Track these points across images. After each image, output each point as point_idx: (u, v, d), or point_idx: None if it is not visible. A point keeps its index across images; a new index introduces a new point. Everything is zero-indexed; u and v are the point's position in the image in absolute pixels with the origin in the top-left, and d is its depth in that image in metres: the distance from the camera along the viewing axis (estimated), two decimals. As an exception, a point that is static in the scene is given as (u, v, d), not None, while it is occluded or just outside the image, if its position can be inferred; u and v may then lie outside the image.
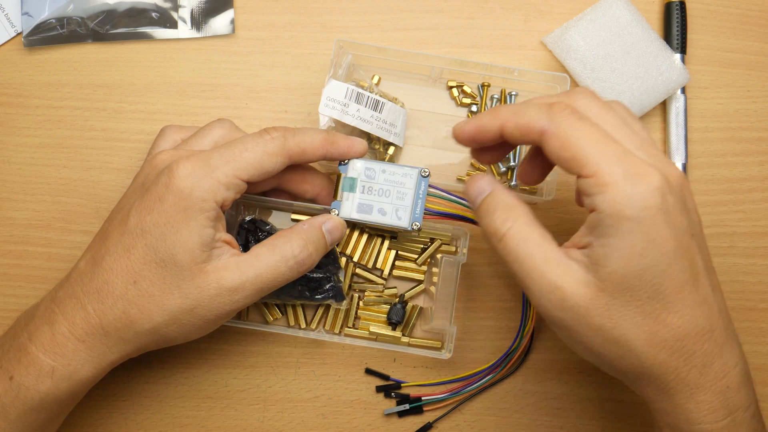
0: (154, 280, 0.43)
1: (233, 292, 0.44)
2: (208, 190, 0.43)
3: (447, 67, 0.55)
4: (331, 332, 0.54)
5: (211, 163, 0.44)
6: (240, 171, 0.44)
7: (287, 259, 0.46)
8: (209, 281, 0.44)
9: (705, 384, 0.40)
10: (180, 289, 0.43)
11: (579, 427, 0.55)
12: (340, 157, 0.49)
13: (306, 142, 0.47)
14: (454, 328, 0.51)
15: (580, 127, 0.40)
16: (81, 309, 0.43)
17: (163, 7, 0.57)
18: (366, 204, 0.50)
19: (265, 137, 0.46)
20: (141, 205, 0.44)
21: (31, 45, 0.57)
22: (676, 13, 0.57)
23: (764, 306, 0.56)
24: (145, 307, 0.43)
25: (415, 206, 0.50)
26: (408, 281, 0.55)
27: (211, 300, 0.44)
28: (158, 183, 0.44)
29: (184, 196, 0.43)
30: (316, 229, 0.48)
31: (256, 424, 0.54)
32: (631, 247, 0.38)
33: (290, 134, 0.47)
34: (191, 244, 0.43)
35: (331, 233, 0.49)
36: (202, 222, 0.43)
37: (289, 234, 0.47)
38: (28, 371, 0.43)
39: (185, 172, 0.43)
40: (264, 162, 0.45)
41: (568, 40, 0.56)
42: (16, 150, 0.57)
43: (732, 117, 0.58)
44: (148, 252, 0.43)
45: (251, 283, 0.45)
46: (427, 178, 0.50)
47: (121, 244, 0.44)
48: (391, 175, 0.50)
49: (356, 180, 0.50)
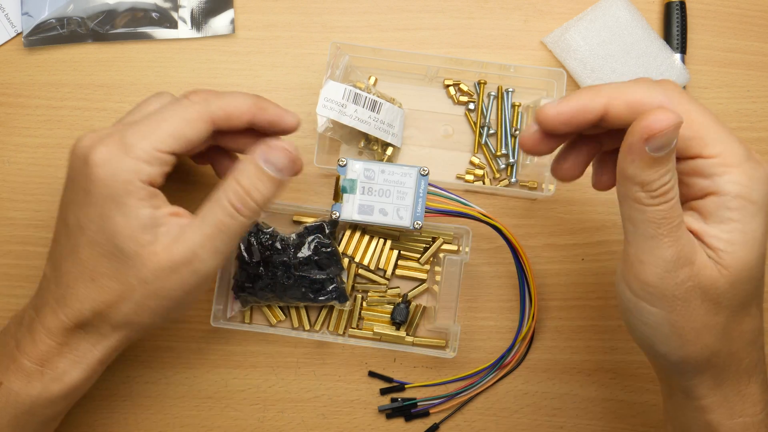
0: (109, 273, 0.42)
1: (188, 263, 0.41)
2: (129, 170, 0.41)
3: (443, 66, 0.55)
4: (335, 333, 0.54)
5: (127, 142, 0.41)
6: (159, 143, 0.41)
7: (225, 208, 0.42)
8: (161, 260, 0.41)
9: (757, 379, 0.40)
10: (137, 277, 0.41)
11: (579, 427, 0.55)
12: (269, 126, 0.45)
13: (231, 106, 0.43)
14: (458, 327, 0.52)
15: (699, 107, 0.38)
16: (53, 316, 0.43)
17: (163, 7, 0.57)
18: (367, 205, 0.50)
19: (184, 102, 0.42)
20: (72, 200, 0.42)
21: (31, 45, 0.57)
22: (676, 13, 0.57)
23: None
24: (110, 302, 0.42)
25: (416, 205, 0.50)
26: (411, 281, 0.55)
27: (170, 277, 0.42)
28: (81, 174, 0.42)
29: (106, 184, 0.41)
30: (251, 164, 0.42)
31: (256, 424, 0.54)
32: (755, 232, 0.37)
33: (213, 97, 0.43)
34: (130, 230, 0.41)
35: (270, 162, 0.42)
36: (134, 204, 0.41)
37: (224, 181, 0.42)
38: (17, 377, 0.43)
39: (101, 157, 0.41)
40: (185, 131, 0.42)
41: (568, 40, 0.56)
42: (16, 150, 0.56)
43: (732, 117, 0.58)
44: (93, 248, 0.42)
45: (201, 246, 0.42)
46: (426, 177, 0.50)
47: (68, 246, 0.43)
48: (390, 175, 0.50)
49: (356, 181, 0.50)
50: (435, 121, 0.57)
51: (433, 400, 0.54)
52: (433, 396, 0.54)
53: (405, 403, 0.54)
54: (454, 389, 0.54)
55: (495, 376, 0.54)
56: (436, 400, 0.54)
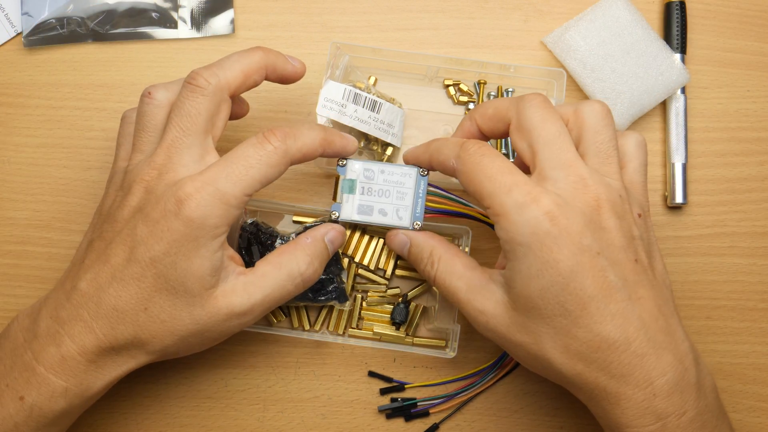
0: (165, 306, 0.43)
1: (242, 316, 0.45)
2: (221, 216, 0.43)
3: (443, 66, 0.55)
4: (335, 333, 0.54)
5: (220, 188, 0.43)
6: (248, 189, 0.44)
7: (294, 277, 0.46)
8: (219, 307, 0.44)
9: (626, 392, 0.41)
10: (191, 316, 0.44)
11: (579, 427, 0.55)
12: (334, 155, 0.49)
13: (307, 146, 0.46)
14: (457, 327, 0.52)
15: (480, 163, 0.43)
16: (90, 333, 0.43)
17: (163, 7, 0.57)
18: (366, 205, 0.50)
19: (268, 149, 0.44)
20: (147, 232, 0.43)
21: (31, 45, 0.57)
22: (676, 13, 0.57)
23: (764, 306, 0.56)
24: (155, 332, 0.44)
25: (415, 205, 0.50)
26: (411, 281, 0.55)
27: (220, 324, 0.44)
28: (165, 210, 0.42)
29: (196, 226, 0.42)
30: (319, 242, 0.48)
31: (256, 424, 0.54)
32: (528, 269, 0.41)
33: (291, 140, 0.45)
34: (202, 272, 0.43)
35: (333, 243, 0.49)
36: (214, 248, 0.43)
37: (294, 250, 0.47)
38: (40, 392, 0.43)
39: (195, 202, 0.42)
40: (269, 175, 0.44)
41: (568, 40, 0.56)
42: (16, 150, 0.57)
43: (732, 117, 0.58)
44: (159, 281, 0.43)
45: (259, 304, 0.45)
46: (426, 177, 0.50)
47: (128, 272, 0.43)
48: (390, 175, 0.50)
49: (355, 181, 0.50)
50: (435, 121, 0.57)
51: (433, 400, 0.54)
52: (433, 396, 0.54)
53: (405, 403, 0.54)
54: (454, 389, 0.54)
55: (495, 376, 0.54)
56: (436, 400, 0.54)
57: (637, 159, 0.47)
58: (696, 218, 0.57)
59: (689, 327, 0.56)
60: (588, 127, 0.45)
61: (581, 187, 0.42)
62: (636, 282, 0.42)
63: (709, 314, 0.56)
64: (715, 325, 0.56)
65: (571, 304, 0.41)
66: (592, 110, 0.45)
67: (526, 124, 0.44)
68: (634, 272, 0.43)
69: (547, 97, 0.45)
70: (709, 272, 0.56)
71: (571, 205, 0.41)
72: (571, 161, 0.43)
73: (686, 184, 0.56)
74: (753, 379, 0.55)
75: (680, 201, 0.56)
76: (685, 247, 0.57)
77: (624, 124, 0.56)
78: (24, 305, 0.48)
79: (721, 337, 0.56)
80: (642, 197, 0.46)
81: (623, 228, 0.43)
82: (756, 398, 0.55)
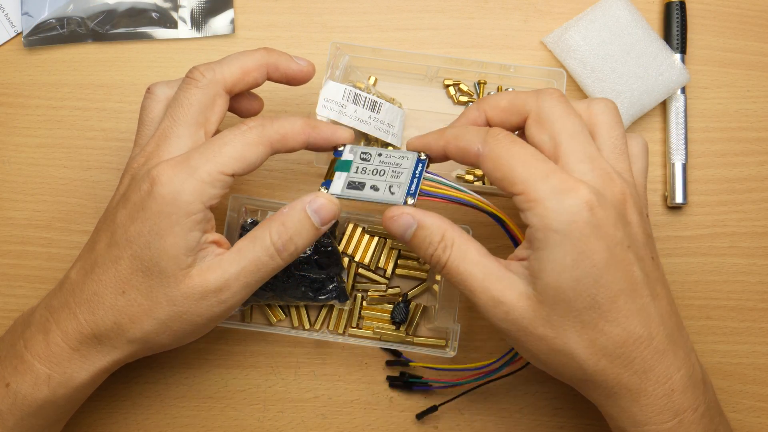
0: (142, 289, 0.43)
1: (218, 292, 0.43)
2: (193, 192, 0.42)
3: (443, 66, 0.55)
4: (335, 333, 0.54)
5: (192, 164, 0.43)
6: (223, 166, 0.43)
7: (267, 247, 0.44)
8: (194, 285, 0.43)
9: (647, 388, 0.42)
10: (167, 296, 0.43)
11: (579, 427, 0.55)
12: (324, 142, 0.47)
13: (285, 128, 0.45)
14: (458, 326, 0.52)
15: (511, 149, 0.42)
16: (73, 319, 0.43)
17: (163, 7, 0.57)
18: (358, 181, 0.47)
19: (242, 128, 0.44)
20: (125, 214, 0.43)
21: (31, 45, 0.57)
22: (676, 13, 0.57)
23: (764, 306, 0.56)
24: (135, 316, 0.43)
25: (410, 183, 0.46)
26: (411, 280, 0.55)
27: (198, 303, 0.43)
28: (140, 190, 0.43)
29: (167, 202, 0.42)
30: (297, 210, 0.44)
31: (256, 424, 0.54)
32: (562, 259, 0.40)
33: (268, 122, 0.45)
34: (176, 251, 0.42)
35: (317, 213, 0.45)
36: (188, 226, 0.42)
37: (269, 221, 0.45)
38: (25, 379, 0.43)
39: (166, 177, 0.42)
40: (246, 154, 0.44)
41: (568, 40, 0.56)
42: (16, 150, 0.57)
43: (732, 117, 0.58)
44: (134, 262, 0.43)
45: (235, 279, 0.43)
46: (425, 162, 0.47)
47: (108, 255, 0.43)
48: (387, 158, 0.47)
49: (350, 162, 0.47)
50: (435, 121, 0.57)
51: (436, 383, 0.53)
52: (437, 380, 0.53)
53: (410, 379, 0.53)
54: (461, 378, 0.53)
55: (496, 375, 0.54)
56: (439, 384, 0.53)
57: (641, 161, 0.46)
58: (696, 218, 0.57)
59: (689, 327, 0.56)
60: (602, 124, 0.44)
61: (609, 180, 0.42)
62: (655, 279, 0.43)
63: (709, 314, 0.56)
64: (715, 325, 0.56)
65: (602, 297, 0.40)
66: (606, 107, 0.45)
67: (549, 116, 0.43)
68: (653, 269, 0.43)
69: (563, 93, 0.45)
70: (709, 272, 0.56)
71: (605, 197, 0.41)
72: (596, 155, 0.43)
73: (686, 184, 0.56)
74: (753, 379, 0.55)
75: (680, 201, 0.56)
76: (685, 247, 0.57)
77: (624, 124, 0.56)
78: (24, 305, 0.48)
79: (721, 337, 0.56)
80: (644, 199, 0.46)
81: (642, 224, 0.43)
82: (756, 398, 0.55)
